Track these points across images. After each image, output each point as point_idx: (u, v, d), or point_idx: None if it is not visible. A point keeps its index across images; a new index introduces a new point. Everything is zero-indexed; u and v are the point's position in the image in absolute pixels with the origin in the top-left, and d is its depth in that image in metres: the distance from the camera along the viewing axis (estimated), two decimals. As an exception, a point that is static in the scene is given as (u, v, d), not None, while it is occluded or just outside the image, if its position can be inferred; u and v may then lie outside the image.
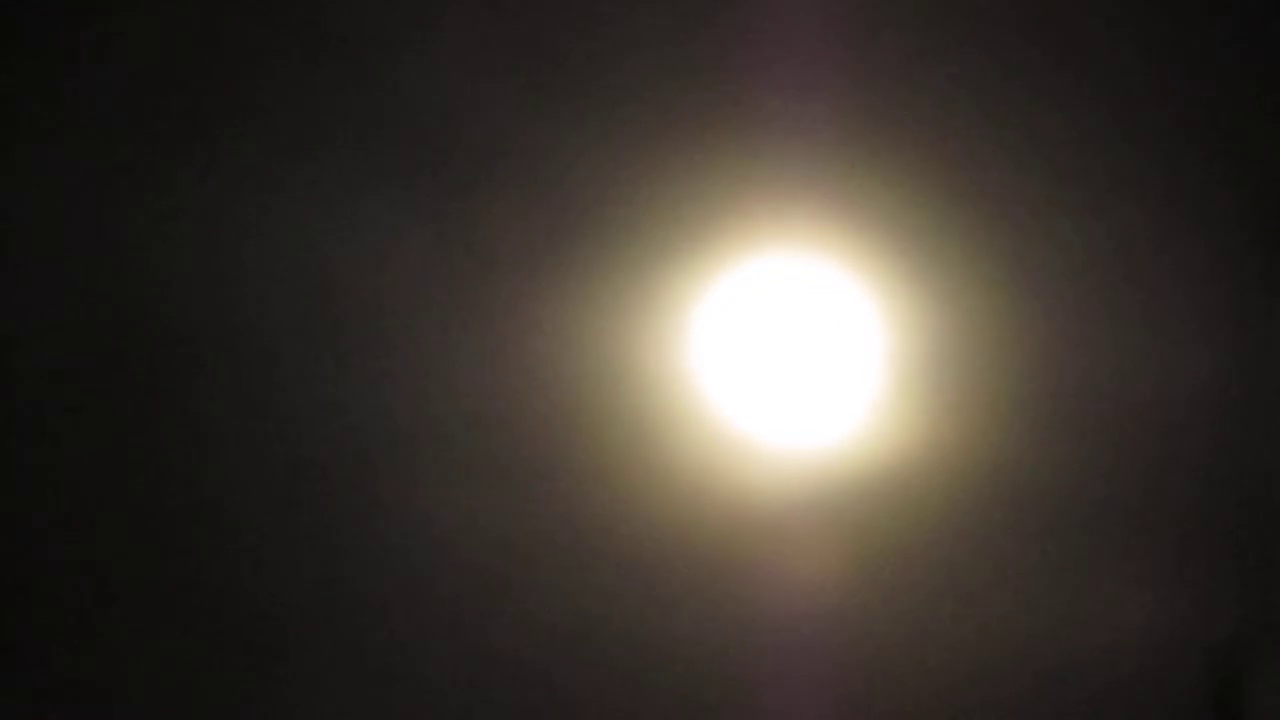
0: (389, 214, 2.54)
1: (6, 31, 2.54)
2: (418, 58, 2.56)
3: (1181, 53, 2.57)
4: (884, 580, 2.52)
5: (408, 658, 2.50)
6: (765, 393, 2.56)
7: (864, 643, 2.51)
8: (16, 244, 2.53)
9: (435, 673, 2.50)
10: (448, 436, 2.52)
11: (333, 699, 2.50)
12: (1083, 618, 2.50)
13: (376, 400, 2.52)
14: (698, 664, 2.51)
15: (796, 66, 2.56)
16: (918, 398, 2.54)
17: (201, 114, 2.55)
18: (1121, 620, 2.49)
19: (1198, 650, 2.47)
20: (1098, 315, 2.54)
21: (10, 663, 2.49)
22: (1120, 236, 2.55)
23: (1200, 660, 2.47)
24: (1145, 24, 2.57)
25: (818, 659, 2.51)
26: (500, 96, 2.55)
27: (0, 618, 2.49)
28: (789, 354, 2.57)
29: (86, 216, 2.54)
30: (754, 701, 2.51)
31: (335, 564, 2.51)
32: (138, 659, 2.49)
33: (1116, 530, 2.52)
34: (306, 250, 2.53)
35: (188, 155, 2.54)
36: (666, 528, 2.52)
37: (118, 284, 2.53)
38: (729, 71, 2.56)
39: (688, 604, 2.52)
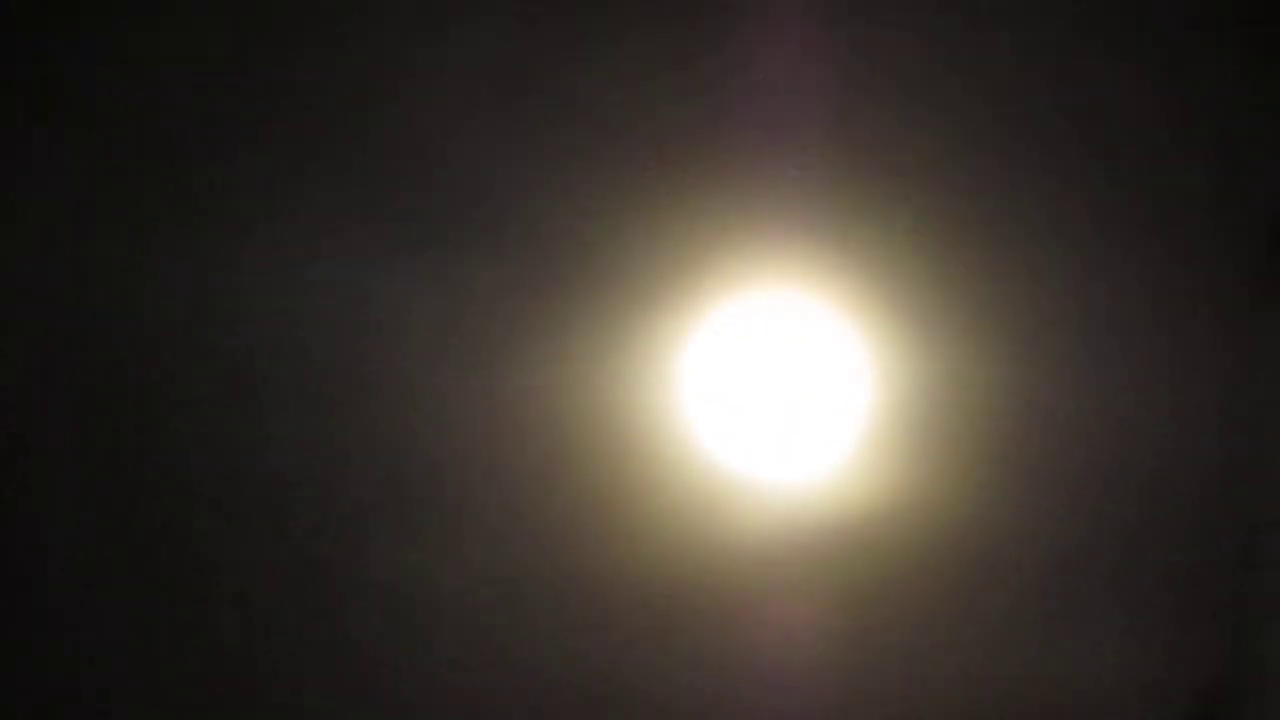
0: (366, 256, 2.51)
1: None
2: (397, 94, 2.51)
3: (1167, 88, 2.53)
4: (869, 619, 2.54)
5: (398, 705, 2.52)
6: (753, 431, 2.56)
7: (849, 681, 2.54)
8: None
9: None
10: (432, 482, 2.52)
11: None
12: (1063, 667, 2.52)
13: (359, 447, 2.51)
14: (689, 704, 2.54)
15: (785, 104, 2.51)
16: (904, 437, 2.54)
17: (178, 154, 2.50)
18: (1100, 671, 2.52)
19: (1176, 702, 2.50)
20: (1083, 361, 2.53)
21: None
22: (1110, 284, 2.53)
23: (1178, 713, 2.50)
24: (1133, 64, 2.53)
25: (805, 697, 2.54)
26: (481, 133, 2.51)
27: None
28: (776, 392, 2.56)
29: (64, 262, 2.50)
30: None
31: (325, 614, 2.52)
32: (124, 700, 2.51)
33: (1098, 580, 2.53)
34: (284, 293, 2.51)
35: (165, 197, 2.50)
36: (657, 568, 2.52)
37: (98, 335, 2.50)
38: (715, 108, 2.52)
39: (680, 642, 2.53)
